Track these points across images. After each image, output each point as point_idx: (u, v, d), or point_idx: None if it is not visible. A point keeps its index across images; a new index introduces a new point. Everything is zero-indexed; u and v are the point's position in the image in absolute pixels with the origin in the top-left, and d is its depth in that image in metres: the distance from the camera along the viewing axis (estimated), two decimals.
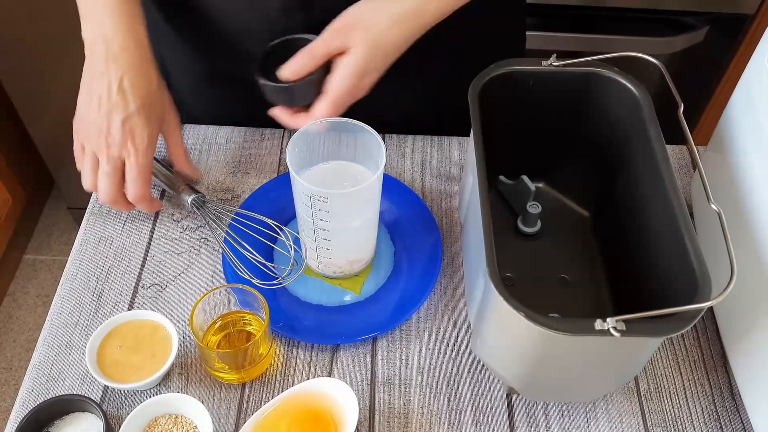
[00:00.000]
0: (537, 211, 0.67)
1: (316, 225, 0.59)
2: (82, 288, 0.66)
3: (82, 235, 0.70)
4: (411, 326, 0.65)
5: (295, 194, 0.60)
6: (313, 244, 0.62)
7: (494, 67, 0.61)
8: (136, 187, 0.64)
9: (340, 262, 0.64)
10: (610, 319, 0.44)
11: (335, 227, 0.59)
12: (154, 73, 0.65)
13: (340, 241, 0.61)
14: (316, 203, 0.57)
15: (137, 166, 0.63)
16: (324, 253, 0.63)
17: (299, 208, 0.61)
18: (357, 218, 0.60)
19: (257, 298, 0.59)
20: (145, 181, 0.64)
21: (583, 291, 0.64)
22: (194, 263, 0.68)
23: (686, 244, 0.49)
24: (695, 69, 1.27)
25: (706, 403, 0.61)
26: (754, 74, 0.59)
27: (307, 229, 0.61)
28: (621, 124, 0.61)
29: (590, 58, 0.61)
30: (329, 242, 0.61)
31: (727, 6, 1.19)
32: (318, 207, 0.57)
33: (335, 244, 0.61)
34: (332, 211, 0.57)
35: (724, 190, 0.61)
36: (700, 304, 0.44)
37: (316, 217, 0.58)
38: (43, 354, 0.62)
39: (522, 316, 0.45)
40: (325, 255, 0.63)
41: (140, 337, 0.59)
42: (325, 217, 0.58)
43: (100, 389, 0.60)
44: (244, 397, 0.60)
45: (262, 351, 0.59)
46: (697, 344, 0.64)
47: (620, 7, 1.18)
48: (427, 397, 0.60)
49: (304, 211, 0.59)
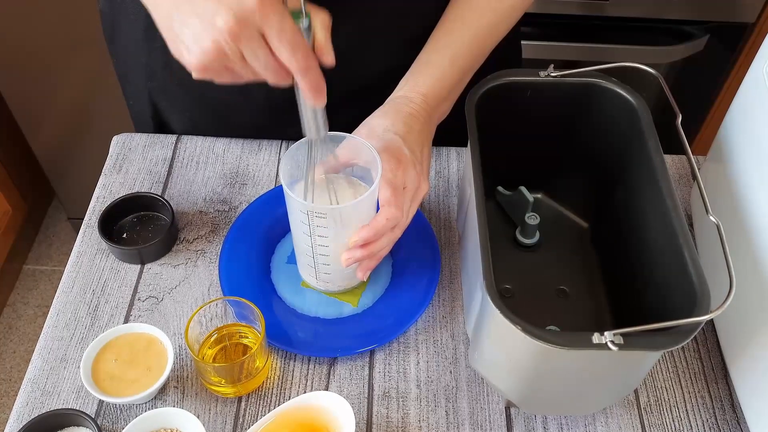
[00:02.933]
0: (535, 222, 0.67)
1: (314, 242, 0.58)
2: (77, 301, 0.66)
3: (78, 247, 0.69)
4: (409, 339, 0.64)
5: (291, 213, 0.59)
6: (311, 261, 0.61)
7: (491, 78, 0.61)
8: (295, 53, 0.46)
9: (340, 278, 0.63)
10: (608, 333, 0.43)
11: (334, 243, 0.58)
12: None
13: (339, 258, 0.59)
14: (314, 220, 0.56)
15: (285, 32, 0.45)
16: (323, 269, 0.62)
17: (296, 228, 0.59)
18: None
19: (253, 311, 0.58)
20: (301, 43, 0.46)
21: (582, 302, 0.64)
22: (190, 275, 0.68)
23: (685, 256, 0.48)
24: (695, 78, 1.27)
25: (707, 416, 0.60)
26: (752, 84, 0.59)
27: (304, 247, 0.60)
28: (619, 134, 0.61)
29: (588, 69, 0.61)
30: (328, 258, 0.60)
31: (727, 15, 1.19)
32: (316, 224, 0.56)
33: (334, 260, 0.60)
34: (330, 227, 0.56)
35: (723, 200, 0.61)
36: (699, 318, 0.43)
37: (314, 234, 0.57)
38: (38, 368, 0.61)
39: (519, 330, 0.45)
40: (324, 271, 0.62)
41: (136, 351, 0.59)
42: (323, 233, 0.57)
43: (95, 403, 0.59)
44: (241, 411, 0.59)
45: (258, 364, 0.59)
46: (698, 356, 0.64)
47: (620, 17, 1.18)
48: (425, 411, 0.60)
49: (301, 229, 0.58)
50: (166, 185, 0.75)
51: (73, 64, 1.27)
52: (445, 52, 0.64)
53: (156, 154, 0.77)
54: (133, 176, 0.75)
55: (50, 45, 1.25)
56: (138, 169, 0.76)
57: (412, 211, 0.59)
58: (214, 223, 0.72)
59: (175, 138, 0.79)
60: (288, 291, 0.67)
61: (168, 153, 0.77)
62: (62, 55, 1.26)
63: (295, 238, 0.62)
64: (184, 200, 0.73)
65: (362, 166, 0.60)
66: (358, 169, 0.61)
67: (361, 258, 0.57)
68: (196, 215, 0.72)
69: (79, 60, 1.26)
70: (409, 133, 0.59)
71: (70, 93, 1.34)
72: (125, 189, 0.74)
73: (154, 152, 0.77)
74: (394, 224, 0.56)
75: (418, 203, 0.59)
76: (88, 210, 0.72)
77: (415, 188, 0.58)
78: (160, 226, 0.71)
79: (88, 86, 1.33)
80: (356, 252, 0.56)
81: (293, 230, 0.61)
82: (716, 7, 1.18)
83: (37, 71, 1.31)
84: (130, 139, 0.79)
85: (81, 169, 1.50)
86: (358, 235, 0.56)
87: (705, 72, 1.27)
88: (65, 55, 1.25)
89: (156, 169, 0.76)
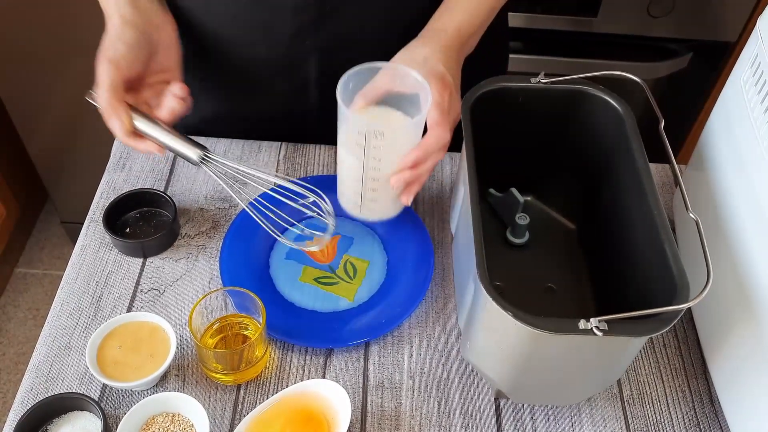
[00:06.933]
0: (525, 222, 0.70)
1: (366, 166, 0.59)
2: (81, 291, 0.67)
3: (82, 240, 0.71)
4: (403, 332, 0.67)
5: (346, 139, 0.60)
6: (359, 188, 0.62)
7: (485, 83, 0.64)
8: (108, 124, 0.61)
9: (384, 205, 0.64)
10: (593, 319, 0.46)
11: (385, 166, 0.59)
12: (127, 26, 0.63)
13: (387, 181, 0.60)
14: (371, 141, 0.57)
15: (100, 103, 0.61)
16: (370, 196, 0.63)
17: (348, 154, 0.60)
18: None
19: (254, 301, 0.61)
20: (109, 117, 0.61)
21: (569, 299, 0.67)
22: (192, 269, 0.70)
23: (666, 249, 0.51)
24: (680, 93, 1.32)
25: (687, 409, 0.63)
26: (731, 95, 0.62)
27: (354, 173, 0.61)
28: (605, 139, 0.64)
29: (576, 76, 0.64)
30: (377, 183, 0.61)
31: (710, 34, 1.24)
32: (372, 145, 0.57)
33: (383, 184, 0.61)
34: (385, 149, 0.57)
35: (703, 206, 0.64)
36: (679, 306, 0.46)
37: (368, 156, 0.58)
38: (43, 354, 0.63)
39: (509, 315, 0.48)
40: (371, 198, 0.63)
41: (139, 338, 0.61)
42: (377, 155, 0.58)
43: (99, 389, 0.61)
44: (239, 399, 0.61)
45: (257, 353, 0.61)
46: (679, 353, 0.66)
47: (608, 33, 1.23)
48: (417, 401, 0.62)
49: (355, 153, 0.59)
50: (168, 183, 0.77)
51: (71, 66, 1.29)
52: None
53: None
54: (136, 174, 0.77)
55: (47, 47, 1.27)
56: (141, 167, 0.78)
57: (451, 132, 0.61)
58: (214, 220, 0.74)
59: None
60: (286, 286, 0.69)
61: (170, 152, 0.79)
62: (59, 57, 1.27)
63: (344, 167, 0.63)
64: (186, 197, 0.76)
65: (399, 95, 0.61)
66: (392, 99, 0.62)
67: (410, 179, 0.60)
68: (198, 212, 0.74)
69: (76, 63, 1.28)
70: (448, 61, 0.62)
71: (67, 96, 1.35)
72: (128, 186, 0.76)
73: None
74: (441, 145, 0.59)
75: (456, 123, 0.62)
76: (91, 205, 0.74)
77: (457, 113, 0.61)
78: (162, 221, 0.73)
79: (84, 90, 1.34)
80: (406, 173, 0.59)
81: (343, 159, 0.62)
82: (700, 26, 1.22)
83: (33, 74, 1.32)
84: None
85: (76, 173, 1.51)
86: (409, 157, 0.59)
87: (689, 88, 1.31)
88: (62, 57, 1.27)
89: (159, 167, 0.78)
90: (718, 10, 1.20)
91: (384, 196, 0.63)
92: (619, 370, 0.56)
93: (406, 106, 0.62)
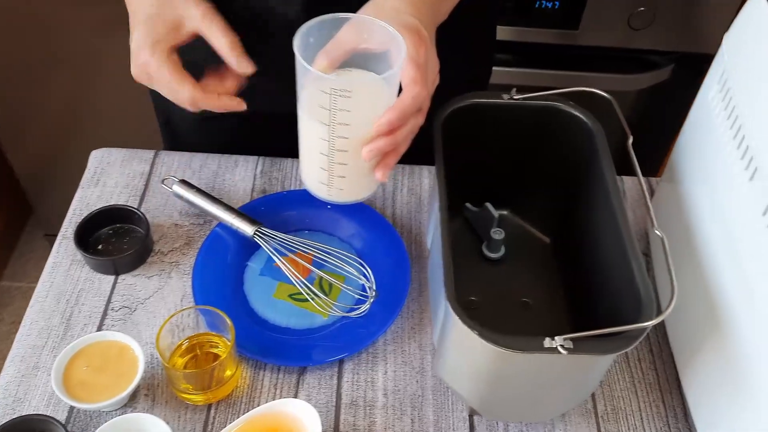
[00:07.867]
0: (501, 237, 0.70)
1: (332, 133, 0.51)
2: (51, 310, 0.67)
3: (53, 258, 0.71)
4: (378, 349, 0.66)
5: (307, 101, 0.52)
6: (325, 162, 0.54)
7: (457, 99, 0.64)
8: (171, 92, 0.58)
9: (356, 182, 0.57)
10: (558, 338, 0.46)
11: (355, 132, 0.51)
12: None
13: (358, 151, 0.52)
14: (337, 102, 0.49)
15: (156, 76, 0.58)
16: (339, 171, 0.55)
17: (310, 119, 0.52)
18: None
19: (223, 320, 0.60)
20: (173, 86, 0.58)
21: (544, 314, 0.66)
22: (164, 287, 0.69)
23: (632, 268, 0.51)
24: (662, 105, 1.32)
25: (661, 424, 0.62)
26: (699, 111, 0.63)
27: (319, 142, 0.53)
28: (576, 154, 0.64)
29: (548, 93, 0.64)
30: (346, 155, 0.53)
31: (692, 46, 1.25)
32: (339, 106, 0.49)
33: (353, 156, 0.53)
34: (354, 110, 0.50)
35: (676, 220, 0.64)
36: (644, 324, 0.46)
37: (335, 122, 0.50)
38: (10, 375, 0.62)
39: (476, 335, 0.47)
40: (340, 173, 0.55)
41: (107, 358, 0.60)
42: (345, 119, 0.50)
43: (66, 411, 0.60)
44: (210, 419, 0.61)
45: (228, 372, 0.60)
46: (653, 367, 0.66)
47: (590, 46, 1.23)
48: (391, 419, 0.62)
49: (318, 117, 0.51)
50: (142, 199, 0.76)
51: (56, 79, 1.29)
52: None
53: (134, 168, 0.79)
54: (110, 190, 0.77)
55: (32, 60, 1.27)
56: (115, 182, 0.78)
57: (430, 94, 0.54)
58: (188, 236, 0.73)
59: (153, 153, 0.81)
60: (260, 302, 0.68)
61: (146, 168, 0.79)
62: (44, 70, 1.27)
63: (307, 134, 0.55)
64: (160, 213, 0.75)
65: (367, 53, 0.53)
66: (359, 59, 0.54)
67: (385, 147, 0.52)
68: (171, 228, 0.74)
69: (60, 76, 1.28)
70: (421, 16, 0.55)
71: (51, 110, 1.35)
72: (102, 202, 0.75)
73: (131, 167, 0.79)
74: (419, 105, 0.52)
75: (434, 86, 0.55)
76: (64, 222, 0.74)
77: (436, 70, 0.55)
78: (135, 237, 0.72)
79: (69, 103, 1.35)
80: (380, 141, 0.51)
81: (305, 126, 0.55)
82: (681, 38, 1.23)
83: (18, 86, 1.32)
84: (108, 154, 0.81)
85: (60, 186, 1.50)
86: (383, 119, 0.51)
87: (671, 99, 1.32)
88: (47, 70, 1.27)
89: (133, 183, 0.78)
90: (698, 22, 1.21)
91: (355, 171, 0.55)
92: (591, 386, 0.56)
93: (376, 67, 0.54)
